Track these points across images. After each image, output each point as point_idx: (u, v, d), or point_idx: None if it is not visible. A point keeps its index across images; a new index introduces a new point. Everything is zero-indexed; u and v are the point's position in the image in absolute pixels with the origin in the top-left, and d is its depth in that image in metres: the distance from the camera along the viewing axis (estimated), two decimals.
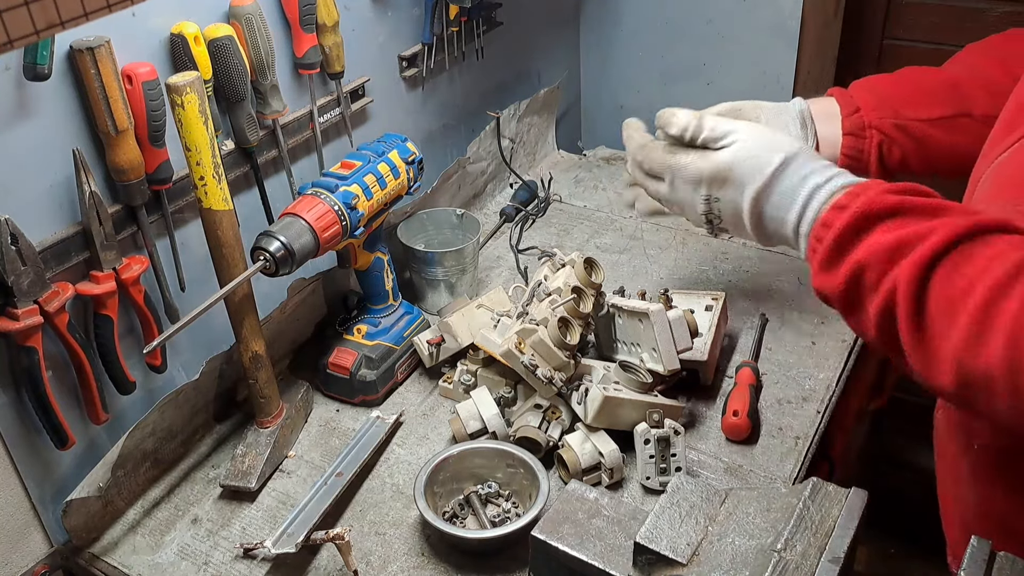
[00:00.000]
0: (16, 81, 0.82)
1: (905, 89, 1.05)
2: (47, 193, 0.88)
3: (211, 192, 0.91)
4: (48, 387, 0.89)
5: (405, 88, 1.35)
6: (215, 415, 1.13)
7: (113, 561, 0.96)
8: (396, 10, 1.27)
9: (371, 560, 0.94)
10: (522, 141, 1.62)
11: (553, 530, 0.75)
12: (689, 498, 0.71)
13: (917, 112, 1.03)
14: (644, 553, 0.68)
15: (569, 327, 1.03)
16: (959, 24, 1.53)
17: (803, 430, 1.07)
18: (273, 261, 0.95)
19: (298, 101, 1.14)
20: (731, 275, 1.35)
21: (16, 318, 0.84)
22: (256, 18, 1.00)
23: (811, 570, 0.63)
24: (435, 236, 1.36)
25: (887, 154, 1.05)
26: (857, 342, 1.20)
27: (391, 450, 1.08)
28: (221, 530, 0.99)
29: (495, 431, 1.02)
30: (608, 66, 1.81)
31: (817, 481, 0.69)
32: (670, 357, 1.03)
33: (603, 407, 0.98)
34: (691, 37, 1.69)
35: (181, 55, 0.95)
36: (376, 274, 1.15)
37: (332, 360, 1.13)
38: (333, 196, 1.01)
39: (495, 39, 1.49)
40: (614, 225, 1.50)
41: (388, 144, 1.12)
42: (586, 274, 1.08)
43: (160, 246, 1.00)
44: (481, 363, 1.10)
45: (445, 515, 0.97)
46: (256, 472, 1.01)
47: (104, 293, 0.92)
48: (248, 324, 0.99)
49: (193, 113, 0.87)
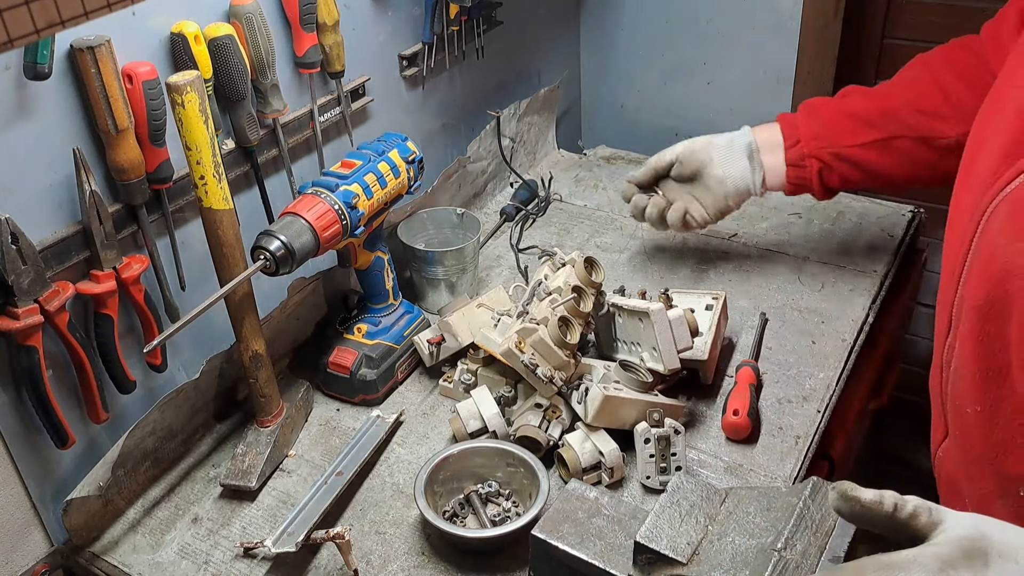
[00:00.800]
0: (16, 80, 0.82)
1: (841, 118, 1.17)
2: (47, 192, 0.88)
3: (211, 191, 0.91)
4: (48, 386, 0.89)
5: (405, 87, 1.35)
6: (215, 414, 1.13)
7: (113, 560, 0.96)
8: (396, 9, 1.27)
9: (371, 559, 0.94)
10: (522, 140, 1.62)
11: (553, 529, 0.75)
12: (689, 497, 0.71)
13: (852, 139, 1.17)
14: (644, 552, 0.68)
15: (569, 326, 1.03)
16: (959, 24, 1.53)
17: (803, 429, 1.07)
18: (273, 260, 0.95)
19: (298, 100, 1.14)
20: (731, 275, 1.35)
21: (16, 317, 0.84)
22: (256, 17, 1.00)
23: (811, 569, 0.63)
24: (435, 235, 1.36)
25: (827, 179, 1.21)
26: (857, 342, 1.20)
27: (391, 449, 1.08)
28: (221, 529, 0.99)
29: (495, 430, 1.02)
30: (608, 65, 1.81)
31: (817, 480, 0.69)
32: (670, 356, 1.03)
33: (603, 406, 0.98)
34: (691, 36, 1.69)
35: (181, 54, 0.95)
36: (376, 273, 1.15)
37: (332, 359, 1.13)
38: (333, 195, 1.01)
39: (495, 38, 1.49)
40: (614, 224, 1.50)
41: (388, 143, 1.12)
42: (586, 273, 1.08)
43: (160, 245, 1.00)
44: (481, 362, 1.10)
45: (445, 514, 0.97)
46: (256, 471, 1.01)
47: (104, 292, 0.92)
48: (248, 323, 0.99)
49: (193, 112, 0.87)
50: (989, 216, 0.75)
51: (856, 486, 0.58)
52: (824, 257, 1.38)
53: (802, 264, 1.37)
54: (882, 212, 1.48)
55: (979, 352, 0.76)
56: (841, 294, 1.29)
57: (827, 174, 1.20)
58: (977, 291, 0.76)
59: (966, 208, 0.79)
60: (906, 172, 1.19)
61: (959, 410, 0.82)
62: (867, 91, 1.20)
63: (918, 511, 0.56)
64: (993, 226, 0.75)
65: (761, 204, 1.52)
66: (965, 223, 0.79)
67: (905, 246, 1.40)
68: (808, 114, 1.21)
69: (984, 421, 0.78)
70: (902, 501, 0.57)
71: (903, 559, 0.54)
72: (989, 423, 0.78)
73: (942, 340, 0.84)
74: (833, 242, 1.41)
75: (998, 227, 0.74)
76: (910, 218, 1.45)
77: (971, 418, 0.80)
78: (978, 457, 0.81)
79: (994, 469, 0.79)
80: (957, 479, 0.84)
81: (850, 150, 1.18)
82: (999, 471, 0.78)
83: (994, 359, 0.75)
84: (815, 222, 1.47)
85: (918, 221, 1.45)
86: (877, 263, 1.35)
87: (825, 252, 1.39)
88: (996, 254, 0.73)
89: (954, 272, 0.80)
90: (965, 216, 0.79)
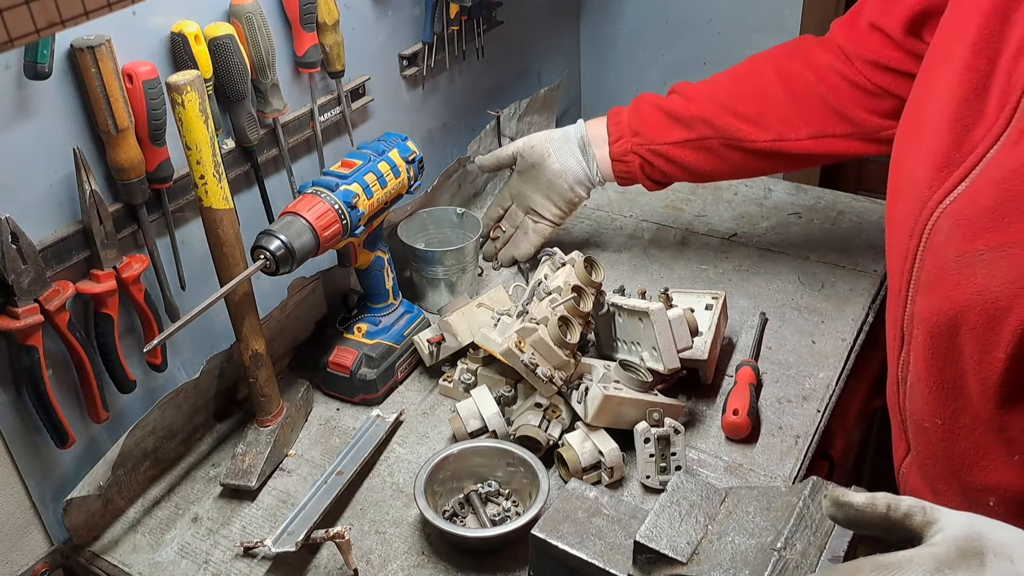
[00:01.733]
0: (16, 80, 0.82)
1: (659, 115, 1.22)
2: (47, 192, 0.88)
3: (211, 191, 0.91)
4: (48, 386, 0.89)
5: (405, 87, 1.35)
6: (215, 414, 1.13)
7: (113, 560, 0.96)
8: (396, 9, 1.27)
9: (371, 559, 0.94)
10: None
11: (553, 529, 0.75)
12: (689, 497, 0.71)
13: (666, 136, 1.21)
14: (644, 552, 0.68)
15: (569, 326, 1.03)
16: None
17: (803, 429, 1.07)
18: (273, 260, 0.95)
19: (298, 100, 1.14)
20: (731, 274, 1.35)
21: (17, 317, 0.84)
22: (256, 17, 1.00)
23: (811, 569, 0.63)
24: (435, 235, 1.36)
25: (649, 173, 1.25)
26: (857, 341, 1.20)
27: (391, 449, 1.08)
28: (221, 529, 0.99)
29: (495, 430, 1.02)
30: (608, 65, 1.81)
31: (817, 480, 0.69)
32: (670, 356, 1.03)
33: (603, 406, 0.98)
34: (691, 36, 1.69)
35: (181, 54, 0.95)
36: (376, 273, 1.15)
37: (332, 359, 1.13)
38: (333, 195, 1.01)
39: (495, 38, 1.49)
40: (614, 224, 1.50)
41: (388, 143, 1.12)
42: (586, 273, 1.08)
43: (160, 245, 1.00)
44: (481, 362, 1.10)
45: (445, 514, 0.97)
46: (256, 471, 1.01)
47: (104, 292, 0.92)
48: (248, 323, 0.99)
49: (193, 112, 0.87)
50: (931, 230, 0.75)
51: (847, 491, 0.58)
52: (824, 257, 1.38)
53: (802, 264, 1.37)
54: (882, 212, 1.47)
55: (933, 366, 0.76)
56: (841, 294, 1.29)
57: (648, 169, 1.25)
58: (927, 306, 0.76)
59: (904, 222, 0.79)
60: (722, 170, 1.23)
61: (918, 425, 0.82)
62: (691, 88, 1.23)
63: (912, 511, 0.56)
64: (937, 239, 0.74)
65: (761, 204, 1.52)
66: (905, 238, 0.78)
67: None
68: (633, 110, 1.25)
69: (945, 434, 0.78)
70: (895, 502, 0.57)
71: (899, 559, 0.54)
72: (950, 436, 0.78)
73: (895, 356, 0.84)
74: (833, 242, 1.41)
75: (943, 240, 0.74)
76: None
77: (931, 432, 0.80)
78: (942, 471, 0.81)
79: (960, 482, 0.79)
80: (923, 494, 0.84)
81: (665, 147, 1.22)
82: (965, 484, 0.78)
83: (949, 372, 0.75)
84: (815, 222, 1.47)
85: None
86: (877, 263, 1.35)
87: (825, 252, 1.39)
88: (945, 269, 0.73)
89: (901, 287, 0.80)
90: (904, 230, 0.78)
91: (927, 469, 0.84)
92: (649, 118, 1.23)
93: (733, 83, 1.21)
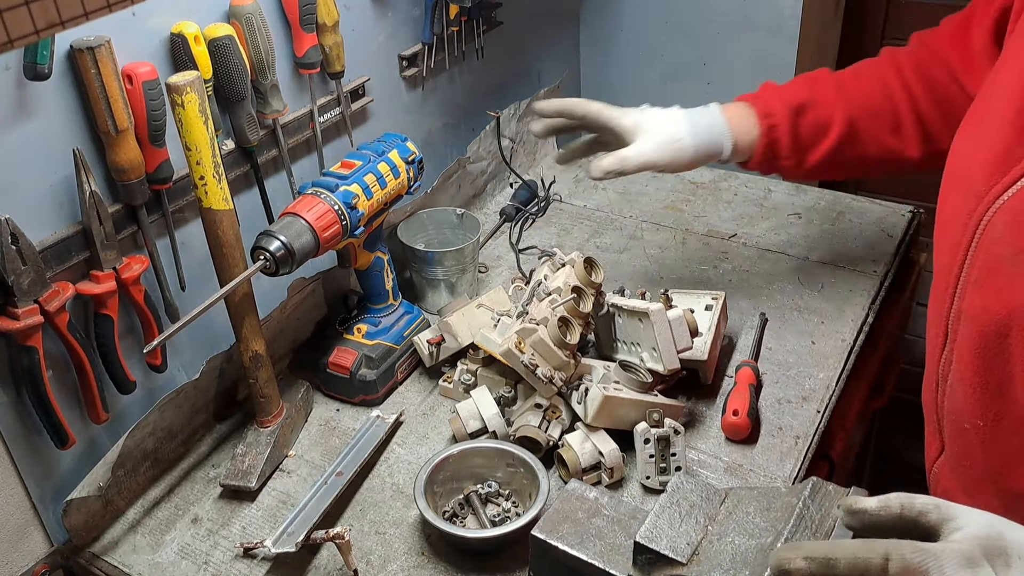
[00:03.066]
0: (16, 81, 0.82)
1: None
2: (47, 193, 0.88)
3: (211, 192, 0.91)
4: (48, 387, 0.89)
5: (405, 88, 1.35)
6: (215, 414, 1.13)
7: (113, 560, 0.96)
8: (396, 10, 1.27)
9: (371, 559, 0.94)
10: (522, 141, 1.62)
11: (553, 529, 0.75)
12: (689, 497, 0.71)
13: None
14: (644, 552, 0.68)
15: (569, 326, 1.03)
16: None
17: (803, 430, 1.07)
18: (273, 261, 0.95)
19: (298, 101, 1.14)
20: (731, 275, 1.35)
21: (16, 317, 0.84)
22: (256, 18, 1.00)
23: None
24: (435, 236, 1.36)
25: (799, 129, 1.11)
26: (857, 342, 1.20)
27: (391, 449, 1.08)
28: (221, 529, 0.99)
29: (495, 430, 1.03)
30: (608, 65, 1.81)
31: (817, 480, 0.68)
32: (670, 356, 1.03)
33: (603, 406, 0.98)
34: (691, 37, 1.69)
35: (181, 55, 0.95)
36: (376, 274, 1.15)
37: (332, 360, 1.13)
38: (333, 196, 1.01)
39: (495, 38, 1.49)
40: (614, 225, 1.50)
41: (388, 143, 1.12)
42: (586, 274, 1.08)
43: (160, 246, 1.00)
44: (481, 362, 1.10)
45: (445, 514, 0.97)
46: (256, 471, 1.01)
47: (104, 292, 0.92)
48: (248, 323, 0.99)
49: (193, 113, 0.87)
50: (986, 226, 0.73)
51: (859, 498, 0.58)
52: (824, 257, 1.38)
53: (802, 264, 1.37)
54: (881, 212, 1.48)
55: (979, 366, 0.74)
56: (841, 294, 1.29)
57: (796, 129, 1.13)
58: (976, 304, 0.74)
59: (957, 218, 0.77)
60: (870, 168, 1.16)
61: (957, 425, 0.80)
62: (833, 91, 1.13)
63: (926, 508, 0.56)
64: (992, 236, 0.72)
65: (761, 204, 1.52)
66: (957, 233, 0.76)
67: (905, 246, 1.40)
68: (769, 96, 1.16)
69: (985, 436, 0.76)
70: (908, 500, 0.57)
71: (935, 549, 0.53)
72: (990, 438, 0.76)
73: (937, 354, 0.81)
74: (833, 242, 1.41)
75: (998, 237, 0.72)
76: (909, 218, 1.45)
77: (971, 433, 0.78)
78: (979, 474, 0.79)
79: (997, 486, 0.77)
80: (955, 496, 0.82)
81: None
82: (1003, 488, 0.77)
83: (995, 372, 0.73)
84: (815, 222, 1.47)
85: (917, 221, 1.45)
86: (877, 263, 1.35)
87: (825, 252, 1.39)
88: (998, 266, 0.71)
89: (948, 284, 0.78)
90: (957, 225, 0.76)
91: (963, 471, 0.82)
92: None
93: (872, 90, 1.11)
